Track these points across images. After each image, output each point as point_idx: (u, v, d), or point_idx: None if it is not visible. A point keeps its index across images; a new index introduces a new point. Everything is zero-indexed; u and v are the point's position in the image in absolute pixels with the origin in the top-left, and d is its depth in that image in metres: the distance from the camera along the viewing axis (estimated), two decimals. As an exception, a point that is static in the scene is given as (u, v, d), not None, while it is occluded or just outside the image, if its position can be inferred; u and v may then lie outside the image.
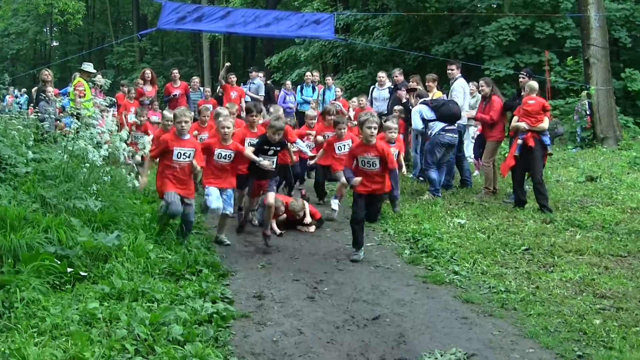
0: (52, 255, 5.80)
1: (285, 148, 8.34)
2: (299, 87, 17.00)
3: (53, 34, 53.65)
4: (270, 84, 19.03)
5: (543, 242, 7.86)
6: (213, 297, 5.74)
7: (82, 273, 5.86)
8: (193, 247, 7.30)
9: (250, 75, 17.35)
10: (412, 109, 11.40)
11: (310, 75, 16.98)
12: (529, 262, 7.15)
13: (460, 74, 12.04)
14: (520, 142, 9.64)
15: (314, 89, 16.50)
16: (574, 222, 8.77)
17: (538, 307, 5.70)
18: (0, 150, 7.63)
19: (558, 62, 21.28)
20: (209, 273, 6.43)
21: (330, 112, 10.80)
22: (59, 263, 5.76)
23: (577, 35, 20.65)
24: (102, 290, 5.50)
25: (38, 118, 9.61)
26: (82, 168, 8.01)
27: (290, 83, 18.38)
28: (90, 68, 12.85)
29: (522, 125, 9.65)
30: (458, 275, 6.73)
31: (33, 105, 13.61)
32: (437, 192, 10.67)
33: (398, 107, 12.34)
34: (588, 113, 17.64)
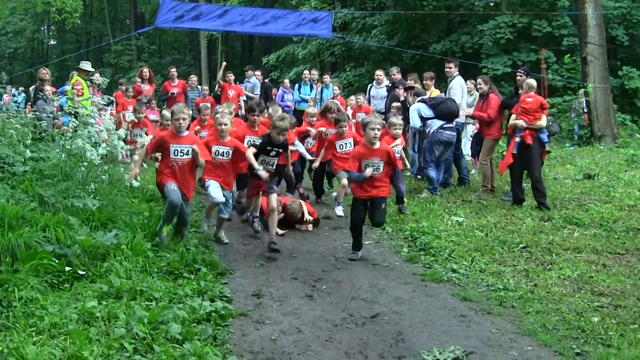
0: (50, 254, 5.80)
1: (287, 150, 8.23)
2: (297, 85, 16.98)
3: (50, 33, 53.66)
4: (268, 83, 19.03)
5: (541, 239, 7.87)
6: (211, 295, 5.74)
7: (80, 272, 5.85)
8: (191, 245, 7.29)
9: (247, 74, 17.36)
10: (409, 107, 11.40)
11: (309, 74, 16.98)
12: (527, 260, 7.16)
13: (458, 72, 12.05)
14: (518, 140, 9.65)
15: (312, 88, 16.50)
16: (572, 219, 8.78)
17: (536, 304, 5.71)
18: (-2, 149, 7.64)
19: (555, 60, 21.28)
20: (208, 272, 6.43)
21: (332, 109, 10.67)
22: (57, 262, 5.76)
23: (574, 34, 20.65)
24: (100, 289, 5.50)
25: (36, 117, 9.60)
26: (80, 167, 8.01)
27: (289, 81, 18.38)
28: (88, 67, 12.84)
29: (520, 123, 9.66)
30: (456, 273, 6.74)
31: (31, 104, 13.58)
32: (435, 190, 10.67)
33: (396, 103, 12.34)
34: (585, 111, 17.66)
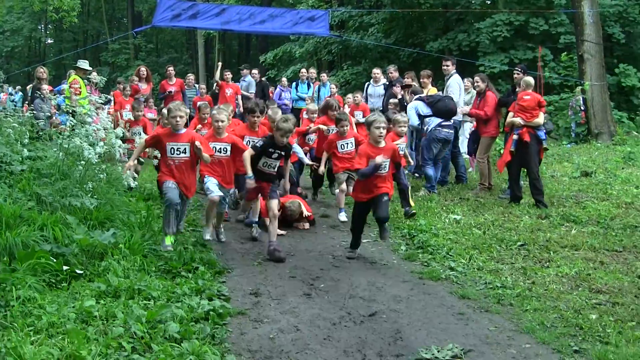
0: (47, 253, 5.79)
1: (289, 154, 7.99)
2: (294, 84, 17.00)
3: (48, 32, 53.60)
4: (265, 81, 19.03)
5: (539, 237, 7.88)
6: (209, 294, 5.73)
7: (78, 271, 5.84)
8: (189, 244, 7.29)
9: (242, 73, 17.37)
10: (407, 106, 11.39)
11: (306, 72, 16.98)
12: (525, 257, 7.17)
13: (456, 70, 12.05)
14: (516, 137, 9.66)
15: (309, 86, 16.50)
16: (570, 217, 8.79)
17: (534, 302, 5.71)
18: (-4, 149, 7.63)
19: (552, 57, 21.31)
20: (205, 270, 6.42)
21: (333, 106, 10.44)
22: (55, 261, 5.75)
23: (571, 31, 20.69)
24: (98, 288, 5.49)
25: (33, 116, 9.58)
26: (77, 166, 8.00)
27: (286, 80, 18.38)
28: (86, 65, 12.82)
29: (517, 121, 9.67)
30: (454, 271, 6.74)
31: (28, 103, 13.56)
32: (432, 188, 10.67)
33: (393, 100, 12.33)
34: (582, 109, 17.68)
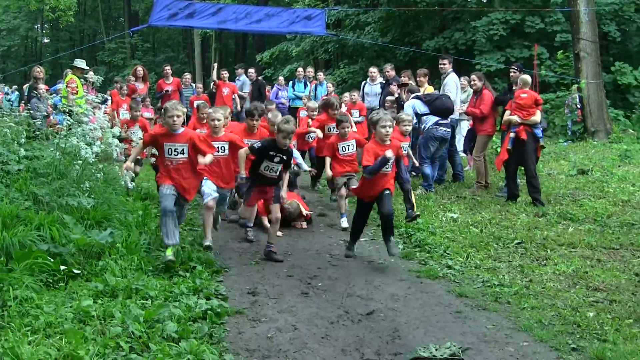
0: (45, 253, 5.79)
1: (291, 158, 7.70)
2: (291, 82, 16.99)
3: (44, 31, 53.47)
4: (262, 80, 19.01)
5: (536, 235, 7.89)
6: (207, 293, 5.73)
7: (75, 271, 5.84)
8: (187, 243, 7.28)
9: (237, 72, 17.36)
10: (404, 104, 11.39)
11: (303, 71, 16.98)
12: (522, 255, 7.18)
13: (452, 69, 12.06)
14: (513, 135, 9.67)
15: (306, 85, 16.49)
16: (566, 215, 8.80)
17: (532, 300, 5.72)
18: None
19: (548, 56, 21.34)
20: (203, 270, 6.41)
21: (334, 105, 10.24)
22: (52, 261, 5.75)
23: (567, 30, 20.70)
24: (95, 288, 5.49)
25: (30, 115, 9.56)
26: (74, 165, 7.98)
27: (283, 79, 18.37)
28: (83, 64, 12.80)
29: (514, 119, 9.68)
30: (451, 270, 6.75)
31: (24, 103, 13.55)
32: (429, 187, 10.68)
33: (390, 97, 12.32)
34: (579, 107, 17.72)
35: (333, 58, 29.84)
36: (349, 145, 9.01)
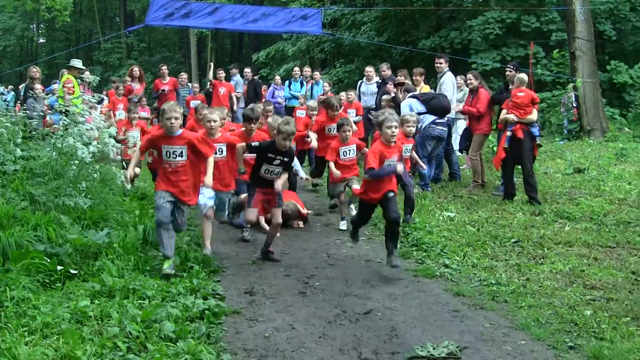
0: (41, 253, 5.78)
1: (292, 160, 7.46)
2: (287, 82, 16.99)
3: (40, 31, 53.36)
4: (258, 80, 19.00)
5: (532, 234, 7.90)
6: (204, 293, 5.74)
7: (72, 271, 5.84)
8: (184, 243, 7.28)
9: (231, 72, 17.34)
10: (400, 103, 11.39)
11: (299, 71, 16.97)
12: (519, 254, 7.19)
13: (448, 68, 12.07)
14: (510, 134, 9.68)
15: (302, 84, 16.49)
16: (563, 213, 8.82)
17: (529, 299, 5.73)
18: (-12, 148, 7.60)
19: (544, 55, 21.35)
20: (200, 269, 6.41)
21: (334, 107, 9.95)
22: (49, 261, 5.75)
23: (562, 29, 20.70)
24: (92, 288, 5.48)
25: (26, 115, 9.54)
26: (71, 165, 7.96)
27: (280, 78, 18.37)
28: (79, 64, 12.76)
29: (511, 117, 9.69)
30: (448, 269, 6.75)
31: (20, 103, 13.51)
32: (426, 186, 10.68)
33: (386, 96, 12.32)
34: (574, 105, 17.72)
35: (329, 57, 29.83)
36: (350, 150, 8.80)
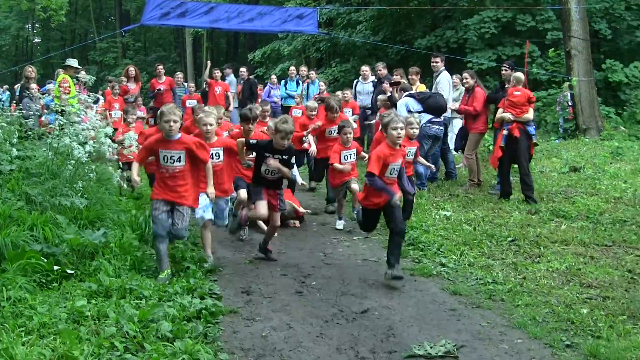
0: (38, 253, 5.76)
1: (292, 157, 7.20)
2: (283, 81, 17.00)
3: (35, 30, 53.31)
4: (253, 79, 18.99)
5: (529, 233, 7.91)
6: (201, 293, 5.73)
7: (69, 271, 5.82)
8: (180, 243, 7.26)
9: (225, 72, 17.35)
10: (397, 102, 11.39)
11: (295, 70, 16.98)
12: (516, 253, 7.20)
13: (444, 67, 12.08)
14: (506, 132, 9.69)
15: (298, 84, 16.49)
16: (559, 212, 8.83)
17: (525, 297, 5.74)
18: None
19: (540, 54, 21.38)
20: (197, 269, 6.41)
21: (334, 109, 9.61)
22: (45, 261, 5.73)
23: (558, 28, 20.73)
24: (89, 288, 5.47)
25: (22, 115, 9.52)
26: (67, 165, 7.93)
27: (276, 77, 18.36)
28: (75, 63, 12.75)
29: (507, 116, 9.70)
30: (445, 268, 6.76)
31: (16, 103, 13.50)
32: (422, 185, 10.68)
33: (382, 96, 12.32)
34: (570, 104, 17.75)
35: (325, 57, 29.83)
36: (351, 154, 8.68)
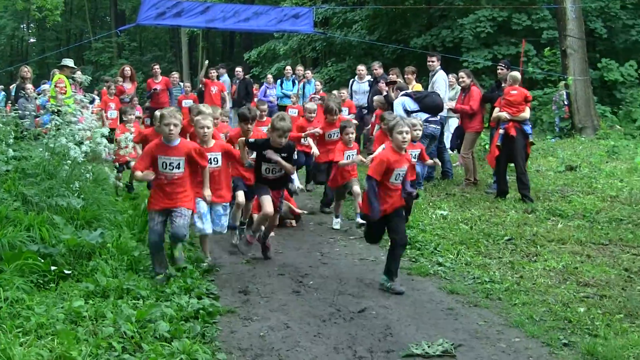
0: (35, 254, 5.76)
1: (293, 154, 7.08)
2: (279, 81, 17.00)
3: (30, 30, 53.15)
4: (249, 79, 18.98)
5: (525, 231, 7.93)
6: (198, 293, 5.72)
7: (66, 271, 5.81)
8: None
9: (219, 72, 17.35)
10: (393, 102, 11.40)
11: (291, 70, 16.98)
12: (512, 252, 7.22)
13: (440, 66, 12.09)
14: (502, 132, 9.71)
15: (294, 83, 16.49)
16: (556, 211, 8.85)
17: (522, 296, 5.75)
18: (-20, 149, 7.56)
19: (535, 53, 21.41)
20: (194, 269, 6.40)
21: (333, 111, 9.37)
22: (43, 261, 5.72)
23: (553, 27, 20.76)
24: (86, 288, 5.46)
25: (18, 115, 9.50)
26: (63, 165, 7.92)
27: (272, 77, 18.36)
28: (71, 63, 12.73)
29: (503, 115, 9.72)
30: (442, 267, 6.78)
31: (11, 103, 13.46)
32: (419, 184, 10.68)
33: (378, 97, 12.33)
34: (566, 103, 17.79)
35: (321, 56, 29.82)
36: (353, 154, 8.61)
